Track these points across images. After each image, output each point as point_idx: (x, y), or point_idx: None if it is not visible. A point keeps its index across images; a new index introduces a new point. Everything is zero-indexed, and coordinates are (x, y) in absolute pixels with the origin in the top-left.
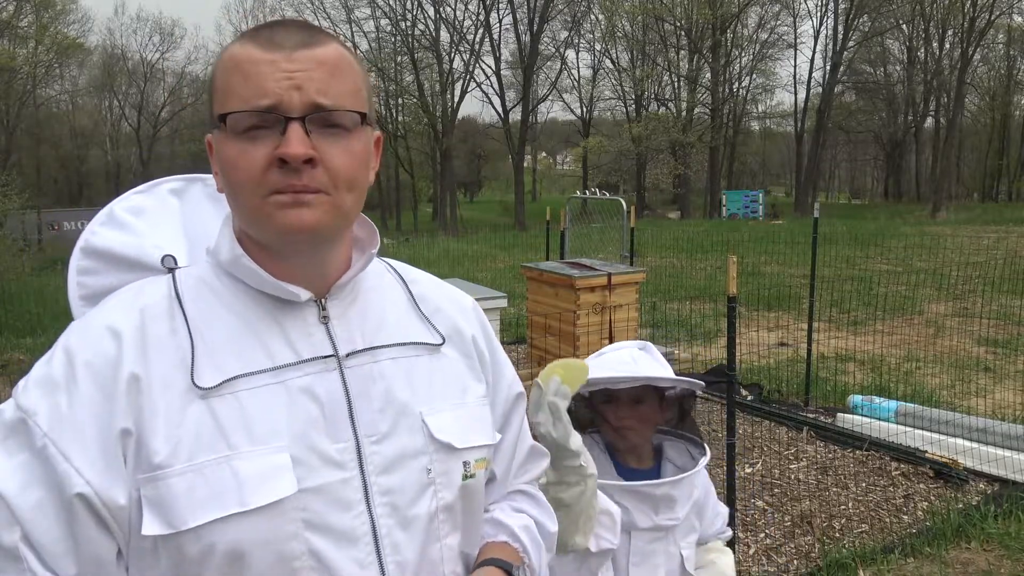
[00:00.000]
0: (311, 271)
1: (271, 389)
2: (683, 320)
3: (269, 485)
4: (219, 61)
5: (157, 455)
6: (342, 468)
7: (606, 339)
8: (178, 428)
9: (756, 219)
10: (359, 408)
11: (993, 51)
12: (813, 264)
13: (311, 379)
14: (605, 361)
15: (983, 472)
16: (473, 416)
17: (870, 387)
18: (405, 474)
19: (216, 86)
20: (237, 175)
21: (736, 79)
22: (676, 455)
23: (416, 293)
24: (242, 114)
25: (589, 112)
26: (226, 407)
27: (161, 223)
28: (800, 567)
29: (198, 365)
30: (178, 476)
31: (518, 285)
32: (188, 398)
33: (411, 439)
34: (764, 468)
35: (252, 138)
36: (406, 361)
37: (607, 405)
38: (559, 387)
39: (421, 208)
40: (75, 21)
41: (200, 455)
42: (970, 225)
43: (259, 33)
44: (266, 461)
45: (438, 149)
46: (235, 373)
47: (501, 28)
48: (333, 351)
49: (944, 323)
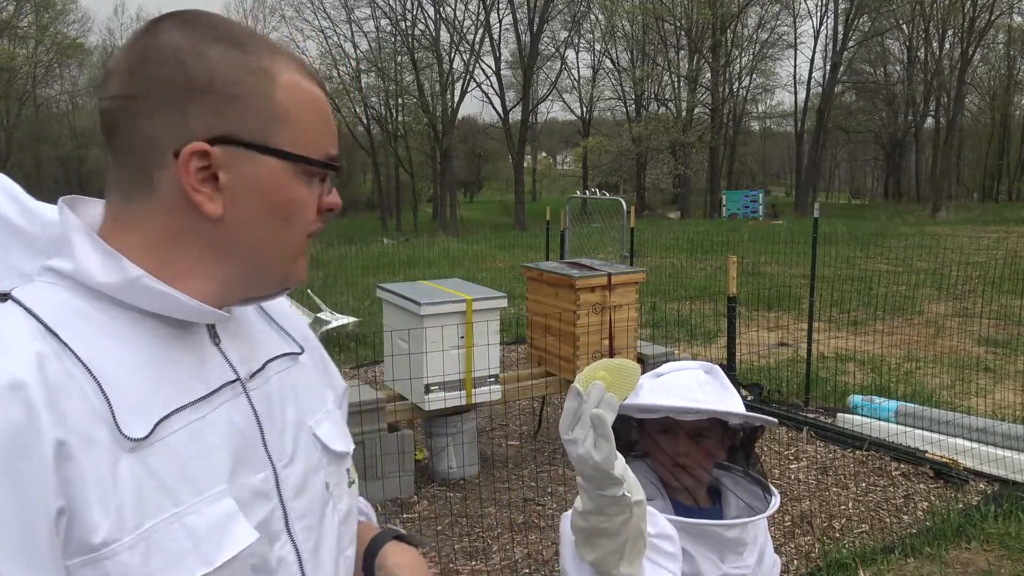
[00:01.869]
0: None
1: (195, 427)
2: (683, 320)
3: (228, 536)
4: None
5: (97, 531)
6: (267, 499)
7: (606, 339)
8: (114, 493)
9: (756, 219)
10: (268, 432)
11: (993, 51)
12: (813, 264)
13: (226, 408)
14: (667, 385)
15: (983, 472)
16: (337, 421)
17: (870, 387)
18: (311, 493)
19: (282, 112)
20: (300, 215)
21: (736, 79)
22: (740, 492)
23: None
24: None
25: (589, 112)
26: (159, 457)
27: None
28: (800, 567)
29: (118, 411)
30: (128, 551)
31: (518, 285)
32: (115, 454)
33: (310, 456)
34: (764, 468)
35: (310, 184)
36: (287, 375)
37: (664, 435)
38: (604, 395)
39: (421, 208)
40: (75, 21)
41: (147, 520)
42: (970, 225)
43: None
44: (214, 511)
45: (438, 149)
46: (159, 416)
47: (501, 28)
48: (236, 375)
49: (944, 323)
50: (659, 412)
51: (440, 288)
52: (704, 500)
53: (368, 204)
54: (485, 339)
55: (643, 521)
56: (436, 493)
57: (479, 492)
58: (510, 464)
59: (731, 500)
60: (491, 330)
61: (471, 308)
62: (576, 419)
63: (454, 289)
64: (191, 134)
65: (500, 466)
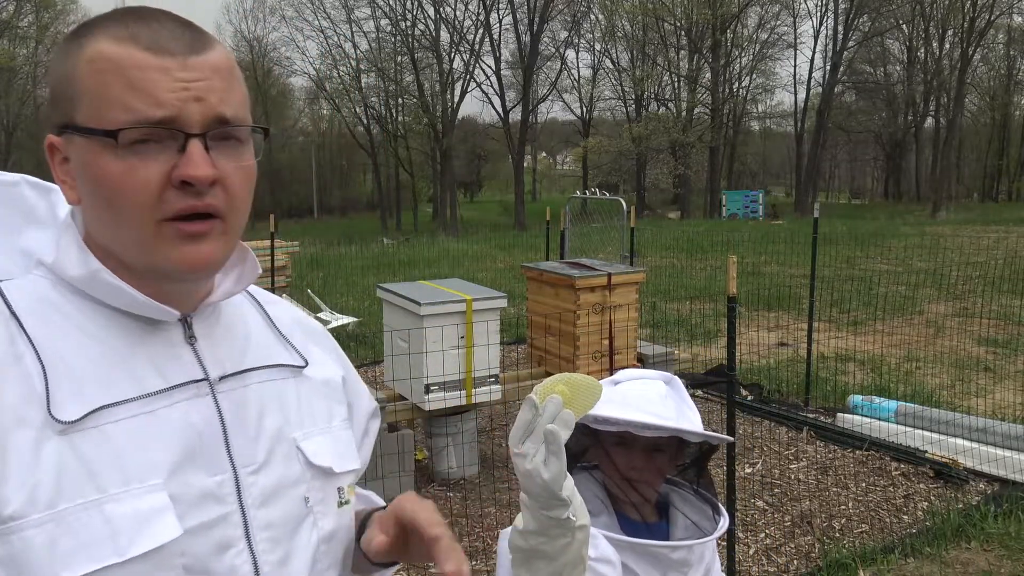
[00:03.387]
0: (183, 290)
1: (142, 420)
2: (683, 320)
3: (149, 529)
4: (81, 55)
5: (7, 505)
6: (221, 503)
7: (606, 339)
8: (33, 471)
9: (756, 219)
10: (234, 436)
11: (993, 51)
12: (813, 264)
13: (184, 406)
14: (627, 396)
15: (983, 472)
16: (341, 440)
17: (870, 387)
18: (284, 505)
19: (80, 86)
20: (124, 194)
21: (736, 79)
22: (688, 510)
23: (272, 314)
24: (132, 130)
25: (589, 112)
26: (90, 443)
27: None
28: (800, 567)
29: (54, 395)
30: (35, 528)
31: (518, 285)
32: (44, 435)
33: (287, 467)
34: (764, 468)
35: (139, 153)
36: (275, 384)
37: (618, 448)
38: (561, 411)
39: (421, 208)
40: (75, 21)
41: (62, 501)
42: (970, 225)
43: (136, 32)
44: (141, 503)
45: (438, 149)
46: (99, 404)
47: (501, 28)
48: (204, 375)
49: (944, 323)
50: (619, 425)
51: (440, 288)
52: (651, 515)
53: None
54: (485, 339)
55: (585, 547)
56: (436, 493)
57: (479, 492)
58: (510, 464)
59: (678, 518)
60: (491, 330)
61: (471, 308)
62: (528, 432)
63: (454, 289)
64: (51, 130)
65: (500, 466)
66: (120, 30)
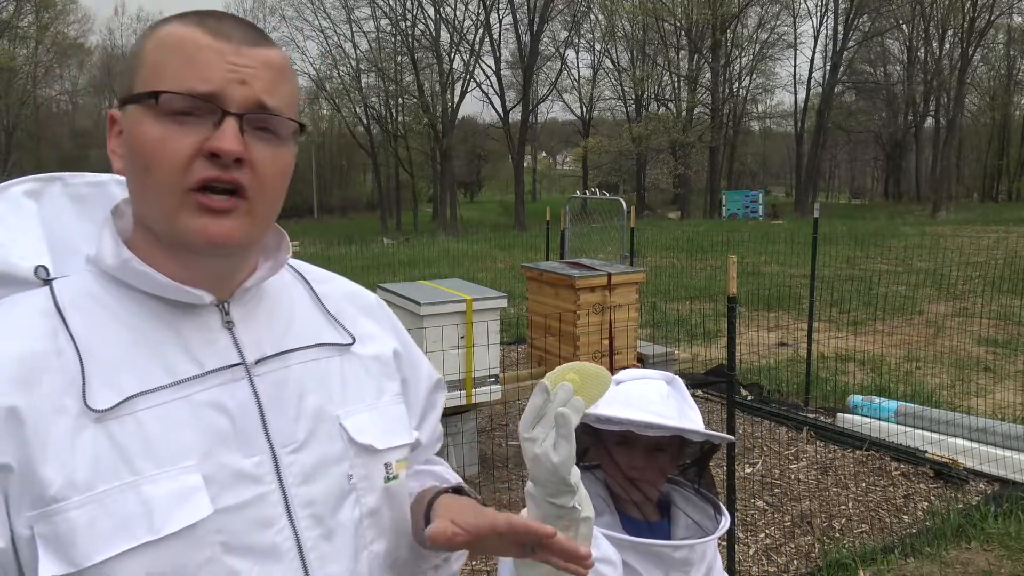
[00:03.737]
0: (215, 274)
1: (174, 406)
2: (683, 320)
3: (181, 509)
4: (152, 35)
5: (51, 487)
6: (259, 482)
7: (606, 339)
8: (72, 456)
9: (756, 219)
10: (272, 417)
11: (993, 51)
12: (813, 264)
13: (218, 391)
14: (630, 395)
15: (983, 472)
16: (390, 416)
17: (870, 387)
18: (326, 482)
19: (144, 60)
20: (157, 158)
21: (736, 79)
22: (690, 509)
23: (320, 293)
24: (176, 96)
25: (589, 112)
26: (125, 430)
27: (20, 229)
28: (800, 567)
29: (90, 386)
30: (77, 509)
31: (518, 285)
32: (81, 423)
33: (330, 445)
34: (764, 468)
35: (180, 123)
36: (317, 364)
37: (620, 447)
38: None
39: (421, 208)
40: (75, 21)
41: (100, 483)
42: (970, 225)
43: (204, 20)
44: (175, 483)
45: (438, 149)
46: (133, 392)
47: (501, 28)
48: (240, 359)
49: (944, 323)
50: (621, 424)
51: (440, 288)
52: (652, 514)
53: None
54: (485, 339)
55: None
56: None
57: (479, 492)
58: (510, 464)
59: (680, 517)
60: (491, 330)
61: (471, 308)
62: (539, 417)
63: (454, 289)
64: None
65: (500, 466)
66: (192, 18)
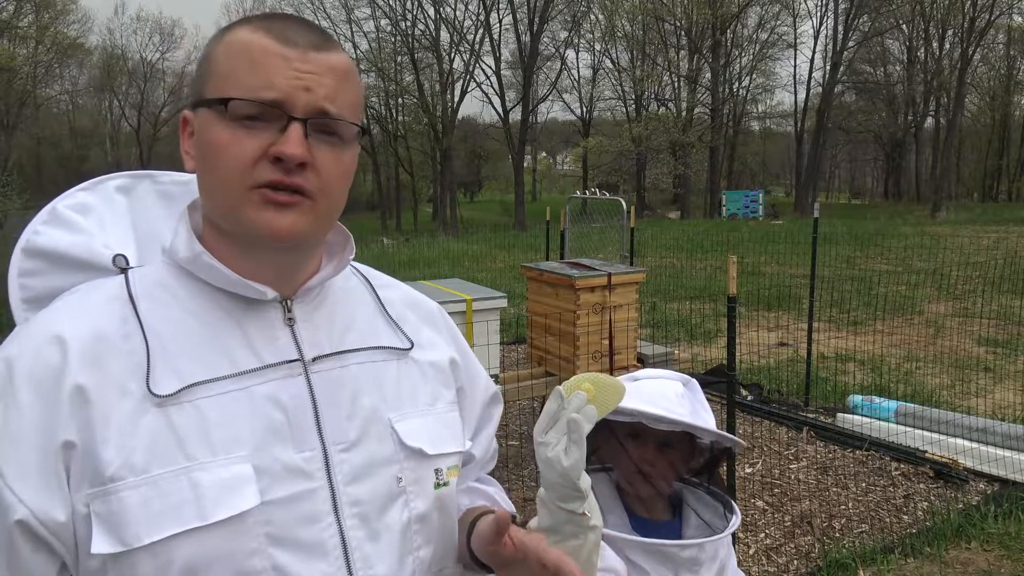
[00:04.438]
0: (279, 271)
1: (232, 396)
2: (683, 320)
3: (230, 498)
4: (222, 40)
5: (109, 467)
6: (309, 478)
7: (606, 339)
8: (131, 439)
9: (756, 219)
10: (326, 415)
11: (993, 51)
12: (813, 264)
13: (275, 385)
14: (644, 391)
15: (983, 472)
16: (443, 422)
17: (870, 387)
18: (375, 483)
19: (215, 66)
20: (223, 161)
21: (736, 79)
22: (701, 508)
23: (384, 298)
24: (243, 102)
25: (589, 112)
26: (184, 416)
27: (109, 221)
28: (800, 567)
29: (154, 372)
30: (131, 489)
31: (518, 285)
32: (143, 407)
33: (380, 447)
34: (764, 468)
35: (247, 127)
36: (374, 366)
37: (631, 440)
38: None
39: (421, 208)
40: (75, 21)
41: (155, 467)
42: (970, 225)
43: (271, 24)
44: (226, 472)
45: (438, 149)
46: (194, 380)
47: (501, 28)
48: (299, 355)
49: (944, 323)
50: (633, 416)
51: (440, 288)
52: (662, 513)
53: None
54: (485, 339)
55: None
56: None
57: None
58: (510, 464)
59: (691, 516)
60: (491, 330)
61: (471, 308)
62: (553, 422)
63: (454, 289)
64: (188, 107)
65: (500, 466)
66: (259, 23)
